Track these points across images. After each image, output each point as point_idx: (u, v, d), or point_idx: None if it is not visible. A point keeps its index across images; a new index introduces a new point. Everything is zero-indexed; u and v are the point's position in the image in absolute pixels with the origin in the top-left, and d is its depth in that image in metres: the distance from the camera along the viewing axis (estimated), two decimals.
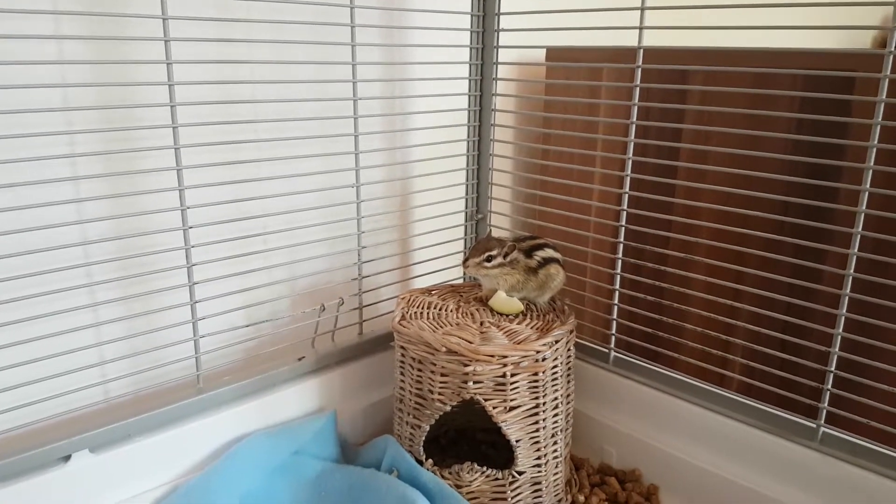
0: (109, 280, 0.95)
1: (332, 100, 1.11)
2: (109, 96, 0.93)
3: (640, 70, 1.03)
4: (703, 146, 1.11)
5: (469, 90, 1.25)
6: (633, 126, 1.06)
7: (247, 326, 1.08)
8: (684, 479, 1.06)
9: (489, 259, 1.05)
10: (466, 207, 1.31)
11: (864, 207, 0.86)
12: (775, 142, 1.03)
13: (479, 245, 1.08)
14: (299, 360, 1.11)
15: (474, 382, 0.94)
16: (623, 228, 1.10)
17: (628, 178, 1.08)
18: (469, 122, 1.27)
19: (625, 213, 1.10)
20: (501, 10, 1.20)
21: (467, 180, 1.30)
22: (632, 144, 1.07)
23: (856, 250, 0.87)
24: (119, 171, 0.94)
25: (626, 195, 1.09)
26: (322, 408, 1.13)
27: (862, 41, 2.24)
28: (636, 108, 1.05)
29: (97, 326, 0.95)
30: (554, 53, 1.34)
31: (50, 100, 0.88)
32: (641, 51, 1.03)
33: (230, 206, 1.01)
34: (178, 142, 0.91)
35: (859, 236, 0.87)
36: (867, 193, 0.85)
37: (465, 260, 1.07)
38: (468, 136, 1.28)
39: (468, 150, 1.28)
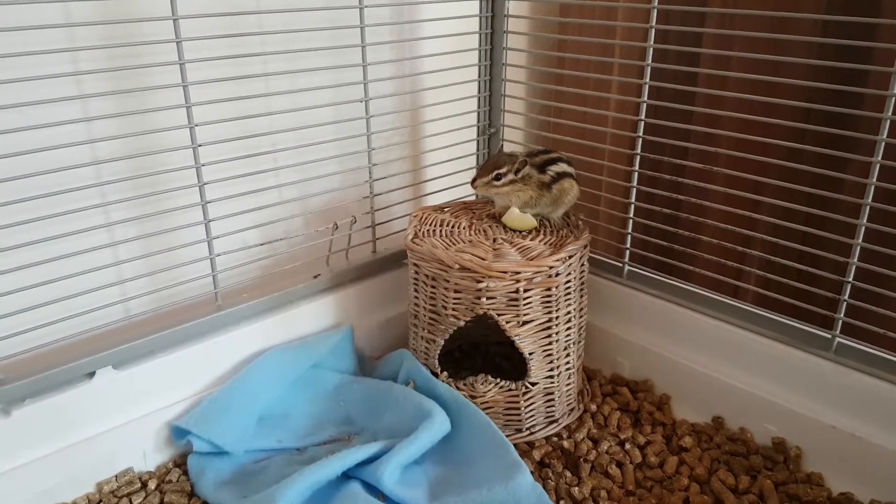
0: (123, 200, 0.95)
1: (338, 8, 1.07)
2: (112, 9, 0.90)
3: None
4: (725, 51, 1.06)
5: None
6: (653, 31, 1.01)
7: (261, 245, 1.08)
8: (696, 388, 1.07)
9: (498, 177, 1.03)
10: (479, 121, 1.28)
11: (889, 114, 0.82)
12: (800, 46, 0.99)
13: (488, 163, 1.06)
14: (315, 277, 1.12)
15: (487, 298, 0.94)
16: (640, 140, 1.07)
17: (647, 87, 1.04)
18: (481, 29, 1.22)
19: (642, 123, 1.06)
20: None
21: (479, 93, 1.26)
22: (651, 50, 1.02)
23: (879, 158, 0.84)
24: (125, 89, 0.92)
25: (645, 104, 1.05)
26: (338, 323, 1.15)
27: None
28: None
29: (114, 246, 0.96)
30: None
31: (51, 16, 0.86)
32: None
33: (239, 124, 1.00)
34: (182, 57, 0.89)
35: (884, 143, 0.84)
36: (894, 99, 0.82)
37: (474, 180, 1.05)
38: (480, 45, 1.23)
39: (480, 61, 1.24)
